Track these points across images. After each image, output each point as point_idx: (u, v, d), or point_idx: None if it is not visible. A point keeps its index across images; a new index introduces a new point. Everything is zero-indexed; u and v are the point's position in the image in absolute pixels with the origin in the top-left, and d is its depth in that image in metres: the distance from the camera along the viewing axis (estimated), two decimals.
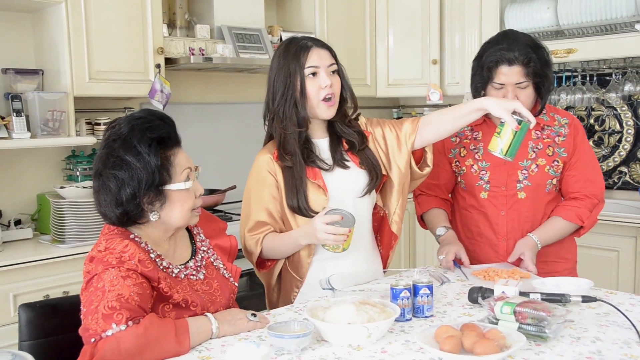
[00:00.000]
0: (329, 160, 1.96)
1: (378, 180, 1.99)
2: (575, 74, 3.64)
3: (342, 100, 1.97)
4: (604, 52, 3.30)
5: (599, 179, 2.19)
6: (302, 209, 1.89)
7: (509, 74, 2.03)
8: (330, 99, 1.90)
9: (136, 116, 1.57)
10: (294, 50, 1.90)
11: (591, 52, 3.29)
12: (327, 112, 1.92)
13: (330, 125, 2.01)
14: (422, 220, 2.38)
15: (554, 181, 2.17)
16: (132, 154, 1.50)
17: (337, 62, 1.94)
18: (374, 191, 2.02)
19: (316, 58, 1.89)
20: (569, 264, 2.24)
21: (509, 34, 2.12)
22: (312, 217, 1.86)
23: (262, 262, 2.00)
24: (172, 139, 1.58)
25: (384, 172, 2.02)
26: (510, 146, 1.86)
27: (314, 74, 1.88)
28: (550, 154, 2.15)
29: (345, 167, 1.97)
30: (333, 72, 1.92)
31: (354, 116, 2.03)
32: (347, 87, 1.98)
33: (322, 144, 1.99)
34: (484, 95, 2.12)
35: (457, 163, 2.25)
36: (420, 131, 1.99)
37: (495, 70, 2.05)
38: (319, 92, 1.89)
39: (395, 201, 2.04)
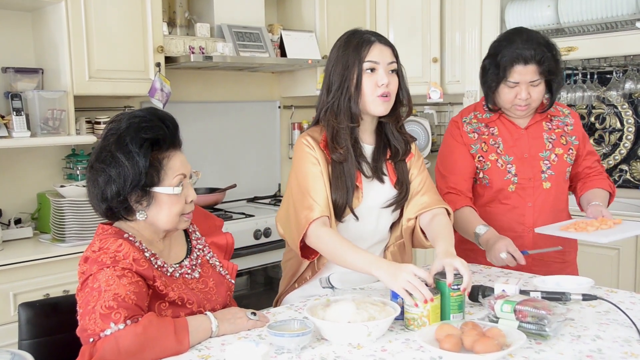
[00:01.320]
0: (370, 169, 1.91)
1: (404, 199, 1.95)
2: (575, 72, 3.63)
3: (398, 101, 1.90)
4: (604, 50, 3.28)
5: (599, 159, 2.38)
6: (342, 207, 1.83)
7: (524, 73, 2.08)
8: (386, 96, 1.83)
9: (136, 114, 1.56)
10: (355, 43, 1.83)
11: (592, 50, 3.28)
12: (382, 107, 1.84)
13: (380, 127, 1.94)
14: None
15: (570, 169, 2.27)
16: (123, 152, 1.49)
17: (397, 62, 1.87)
18: (397, 211, 1.98)
19: (377, 54, 1.82)
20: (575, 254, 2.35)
21: (522, 32, 2.15)
22: (342, 219, 1.85)
23: (307, 253, 1.88)
24: (167, 141, 1.55)
25: None
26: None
27: (372, 69, 1.82)
28: (564, 142, 2.24)
29: (382, 180, 1.93)
30: (392, 71, 1.85)
31: (406, 120, 1.96)
32: (405, 88, 1.90)
33: (367, 149, 1.93)
34: (496, 93, 2.17)
35: (481, 158, 2.25)
36: (427, 220, 1.93)
37: (511, 69, 2.09)
38: (375, 90, 1.82)
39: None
